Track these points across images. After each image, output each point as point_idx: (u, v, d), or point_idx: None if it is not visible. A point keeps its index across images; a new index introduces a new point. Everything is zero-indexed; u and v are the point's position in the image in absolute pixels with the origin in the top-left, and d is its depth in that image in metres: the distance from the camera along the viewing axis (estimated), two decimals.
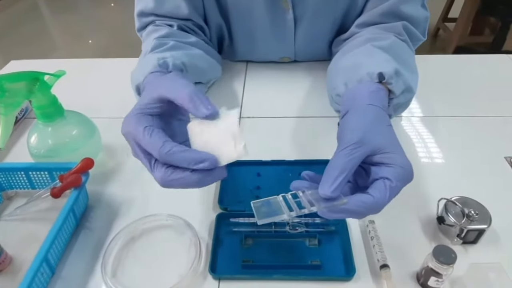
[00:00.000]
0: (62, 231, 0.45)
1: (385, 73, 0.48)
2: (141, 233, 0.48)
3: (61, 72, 0.53)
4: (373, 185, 0.38)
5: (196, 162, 0.36)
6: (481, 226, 0.44)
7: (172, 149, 0.36)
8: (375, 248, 0.45)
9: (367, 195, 0.37)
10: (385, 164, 0.38)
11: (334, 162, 0.38)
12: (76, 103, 0.59)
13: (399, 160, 0.38)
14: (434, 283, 0.40)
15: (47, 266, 0.42)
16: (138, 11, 0.67)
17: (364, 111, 0.43)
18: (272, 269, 0.43)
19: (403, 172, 0.38)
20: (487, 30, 2.56)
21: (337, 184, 0.36)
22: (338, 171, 0.37)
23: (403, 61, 0.53)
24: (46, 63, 0.87)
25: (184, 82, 0.40)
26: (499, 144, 0.60)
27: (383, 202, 0.37)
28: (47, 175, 0.52)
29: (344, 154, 0.38)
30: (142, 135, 0.37)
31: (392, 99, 0.50)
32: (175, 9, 0.64)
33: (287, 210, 0.37)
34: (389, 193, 0.37)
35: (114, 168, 0.58)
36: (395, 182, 0.37)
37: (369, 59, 0.52)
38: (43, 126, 0.53)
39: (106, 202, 0.53)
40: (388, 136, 0.41)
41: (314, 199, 0.37)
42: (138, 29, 0.68)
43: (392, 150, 0.39)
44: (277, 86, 0.75)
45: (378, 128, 0.41)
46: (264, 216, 0.36)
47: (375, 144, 0.39)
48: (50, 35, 3.20)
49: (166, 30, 0.62)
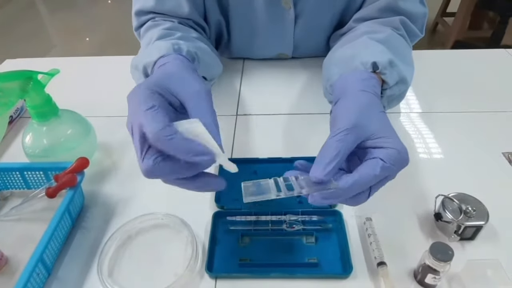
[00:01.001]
0: (57, 231, 0.45)
1: (379, 62, 0.48)
2: (138, 232, 0.48)
3: (55, 70, 0.52)
4: (363, 163, 0.37)
5: (197, 154, 0.33)
6: (479, 223, 0.44)
7: (173, 135, 0.33)
8: (372, 245, 0.45)
9: (354, 173, 0.36)
10: (378, 147, 0.37)
11: (327, 146, 0.37)
12: (72, 102, 0.59)
13: (394, 143, 0.37)
14: (431, 280, 0.40)
15: (43, 267, 0.42)
16: (136, 10, 0.65)
17: (356, 97, 0.43)
18: (269, 268, 0.43)
19: (397, 155, 0.37)
20: (486, 24, 2.55)
21: (330, 168, 0.35)
22: (331, 155, 0.36)
23: (398, 53, 0.53)
24: (41, 61, 0.86)
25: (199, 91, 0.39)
26: (497, 140, 0.60)
27: (370, 175, 0.36)
28: (42, 175, 0.51)
29: (337, 139, 0.37)
30: (143, 113, 0.35)
31: (385, 89, 0.50)
32: (175, 7, 0.63)
33: (275, 191, 0.36)
34: (379, 171, 0.36)
35: (110, 167, 0.57)
36: (389, 162, 0.36)
37: (364, 50, 0.52)
38: (37, 125, 0.53)
39: (102, 202, 0.52)
40: (382, 121, 0.40)
41: (306, 183, 0.37)
42: (135, 28, 0.67)
43: (387, 134, 0.38)
44: (274, 83, 0.74)
45: (371, 113, 0.40)
46: (250, 194, 0.36)
47: (368, 130, 0.38)
48: (47, 32, 3.18)
49: (169, 24, 0.61)
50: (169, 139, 0.33)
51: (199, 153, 0.34)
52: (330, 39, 0.73)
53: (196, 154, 0.33)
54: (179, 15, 0.64)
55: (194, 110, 0.38)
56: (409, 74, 0.54)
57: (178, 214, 0.48)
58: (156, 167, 0.34)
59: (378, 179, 0.36)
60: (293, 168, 0.54)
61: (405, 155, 0.37)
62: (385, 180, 0.38)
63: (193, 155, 0.33)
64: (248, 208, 0.49)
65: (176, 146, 0.33)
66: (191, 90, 0.40)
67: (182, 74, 0.43)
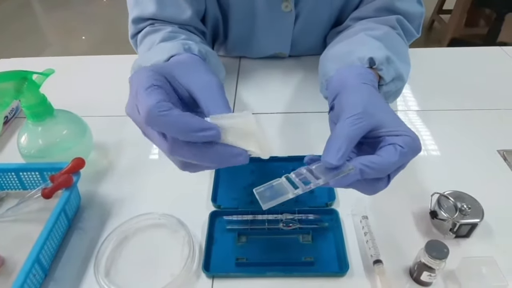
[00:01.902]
0: (54, 232, 0.45)
1: (376, 58, 0.48)
2: (134, 232, 0.48)
3: (50, 70, 0.52)
4: (382, 149, 0.36)
5: (197, 130, 0.30)
6: (474, 220, 0.44)
7: (169, 111, 0.30)
8: (368, 243, 0.45)
9: (375, 155, 0.35)
10: (393, 135, 0.37)
11: (337, 131, 0.37)
12: (67, 102, 0.58)
13: (407, 131, 0.37)
14: (427, 278, 0.40)
15: (39, 267, 0.42)
16: (134, 17, 0.62)
17: (359, 88, 0.42)
18: (266, 267, 0.43)
19: (412, 142, 0.36)
20: (482, 21, 2.56)
21: (342, 152, 0.34)
22: (342, 139, 0.35)
23: (395, 50, 0.53)
24: (36, 61, 0.86)
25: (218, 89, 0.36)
26: (492, 137, 0.60)
27: (392, 162, 0.35)
28: (38, 175, 0.51)
29: (348, 123, 0.36)
30: (143, 92, 0.32)
31: (382, 85, 0.49)
32: (177, 12, 0.61)
33: (292, 188, 0.35)
34: (398, 156, 0.35)
35: (107, 167, 0.57)
36: (406, 148, 0.35)
37: (361, 46, 0.52)
38: (33, 126, 0.52)
39: (99, 202, 0.52)
40: (390, 112, 0.40)
41: (320, 171, 0.35)
42: (132, 35, 0.64)
43: (397, 124, 0.38)
44: (270, 82, 0.74)
45: (377, 103, 0.40)
46: (268, 200, 0.34)
47: (378, 119, 0.38)
48: (43, 31, 3.16)
49: (171, 28, 0.59)
50: (163, 115, 0.29)
51: (199, 128, 0.30)
52: (327, 37, 0.73)
53: (196, 130, 0.30)
54: (180, 21, 0.62)
55: (208, 101, 0.35)
56: (406, 71, 0.54)
57: (175, 214, 0.48)
58: (177, 145, 0.31)
59: (397, 165, 0.36)
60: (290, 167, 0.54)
61: (418, 142, 0.37)
62: (400, 169, 0.37)
63: (194, 130, 0.30)
64: (245, 207, 0.49)
65: (172, 123, 0.30)
66: (203, 79, 0.37)
67: (193, 64, 0.40)
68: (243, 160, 0.33)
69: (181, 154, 0.32)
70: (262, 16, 0.68)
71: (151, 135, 0.34)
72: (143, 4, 0.61)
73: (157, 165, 0.58)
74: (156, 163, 0.58)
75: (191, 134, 0.30)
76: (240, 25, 0.71)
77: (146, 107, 0.30)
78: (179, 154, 0.32)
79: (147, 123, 0.31)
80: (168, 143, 0.32)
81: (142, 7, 0.61)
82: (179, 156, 0.33)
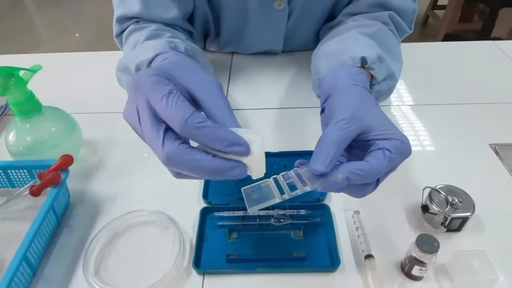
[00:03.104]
0: (42, 229, 0.44)
1: (367, 57, 0.47)
2: (124, 230, 0.47)
3: (37, 67, 0.51)
4: (371, 154, 0.36)
5: (230, 144, 0.31)
6: (465, 214, 0.44)
7: (205, 122, 0.31)
8: (360, 238, 0.45)
9: (363, 161, 0.35)
10: (382, 139, 0.37)
11: (325, 136, 0.36)
12: (56, 99, 0.58)
13: (397, 134, 0.37)
14: (418, 272, 0.40)
15: (27, 266, 0.42)
16: (118, 16, 0.61)
17: (349, 90, 0.42)
18: (257, 263, 0.43)
19: (402, 146, 0.36)
20: (476, 17, 2.56)
21: (330, 159, 0.34)
22: (330, 145, 0.35)
23: (387, 48, 0.53)
24: (24, 58, 0.84)
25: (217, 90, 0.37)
26: (484, 131, 0.60)
27: (380, 168, 0.35)
28: (26, 173, 0.50)
29: (336, 128, 0.36)
30: (164, 100, 0.32)
31: (374, 85, 0.49)
32: (163, 11, 0.60)
33: (278, 194, 0.35)
34: (387, 162, 0.35)
35: (97, 164, 0.57)
36: (395, 153, 0.35)
37: (353, 44, 0.51)
38: (21, 123, 0.52)
39: (89, 199, 0.52)
40: (380, 114, 0.39)
41: (307, 177, 0.35)
42: (116, 35, 0.63)
43: (387, 127, 0.37)
44: (263, 78, 0.74)
45: (366, 106, 0.40)
46: (254, 203, 0.34)
47: (367, 123, 0.37)
48: (36, 29, 3.13)
49: (155, 26, 0.58)
50: (201, 127, 0.30)
51: (232, 142, 0.31)
52: (319, 32, 0.72)
53: (230, 145, 0.31)
54: (165, 21, 0.61)
55: (210, 103, 0.35)
56: (398, 70, 0.54)
57: (166, 211, 0.48)
58: (181, 152, 0.31)
59: (386, 170, 0.36)
60: (281, 162, 0.54)
61: (408, 145, 0.37)
62: (390, 172, 0.37)
63: (227, 145, 0.31)
64: (236, 203, 0.49)
65: (209, 135, 0.31)
66: (204, 80, 0.37)
67: (191, 65, 0.40)
68: (237, 175, 0.33)
69: (178, 166, 0.32)
70: (254, 14, 0.67)
71: (154, 141, 0.33)
72: (128, 3, 0.60)
73: (147, 162, 0.57)
74: (147, 160, 0.57)
75: (225, 148, 0.31)
76: (232, 23, 0.71)
77: (181, 118, 0.31)
78: (176, 166, 0.32)
79: (183, 131, 0.31)
80: (164, 154, 0.32)
81: (127, 6, 0.60)
82: (175, 167, 0.33)
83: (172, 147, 0.32)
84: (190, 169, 0.32)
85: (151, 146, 0.33)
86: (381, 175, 0.36)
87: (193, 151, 0.32)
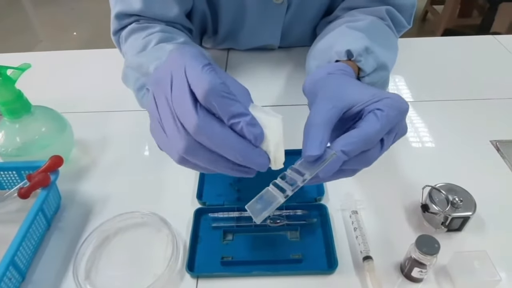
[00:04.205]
0: (31, 233, 0.43)
1: (353, 50, 0.47)
2: (116, 232, 0.46)
3: (26, 65, 0.50)
4: (363, 119, 0.34)
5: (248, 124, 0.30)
6: (466, 213, 0.43)
7: (231, 95, 0.29)
8: (358, 239, 0.43)
9: (354, 129, 0.33)
10: (371, 103, 0.35)
11: (309, 121, 0.35)
12: (46, 98, 0.56)
13: (385, 94, 0.35)
14: (418, 274, 0.39)
15: (16, 271, 0.40)
16: (117, 12, 0.59)
17: (327, 79, 0.40)
18: (252, 265, 0.42)
19: (392, 101, 0.34)
20: (475, 12, 2.54)
21: (320, 140, 0.33)
22: (316, 128, 0.34)
23: (377, 40, 0.51)
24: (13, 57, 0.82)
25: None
26: (485, 128, 0.59)
27: (375, 130, 0.33)
28: (15, 174, 0.49)
29: (318, 109, 0.35)
30: (200, 67, 0.30)
31: (363, 77, 0.48)
32: (164, 9, 0.58)
33: (280, 194, 0.33)
34: (381, 121, 0.33)
35: (89, 165, 0.55)
36: (387, 110, 0.33)
37: (340, 39, 0.51)
38: (9, 123, 0.50)
39: (80, 201, 0.51)
40: (362, 87, 0.37)
41: (303, 168, 0.34)
42: (114, 31, 0.61)
43: (375, 93, 0.35)
44: (259, 74, 0.73)
45: (346, 83, 0.38)
46: (260, 212, 0.33)
47: (351, 96, 0.36)
48: (33, 28, 3.11)
49: (160, 27, 0.57)
50: (225, 97, 0.29)
51: (250, 122, 0.30)
52: (317, 28, 0.71)
53: (248, 124, 0.30)
54: (167, 19, 0.59)
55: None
56: (389, 59, 0.52)
57: (159, 212, 0.47)
58: (215, 123, 0.30)
59: (384, 130, 0.33)
60: None
61: (401, 99, 0.35)
62: (393, 133, 0.35)
63: (248, 124, 0.30)
64: (231, 203, 0.48)
65: (229, 107, 0.29)
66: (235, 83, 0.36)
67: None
68: (261, 164, 0.31)
69: (207, 137, 0.30)
70: (252, 9, 0.66)
71: (186, 108, 0.30)
72: (127, 0, 0.58)
73: (140, 162, 0.56)
74: (140, 160, 0.56)
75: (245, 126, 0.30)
76: (230, 20, 0.69)
77: (211, 82, 0.29)
78: (205, 136, 0.30)
79: (207, 98, 0.29)
80: (197, 120, 0.30)
81: (126, 3, 0.58)
82: (204, 138, 0.30)
83: (206, 117, 0.30)
84: (217, 144, 0.30)
85: (180, 113, 0.31)
86: (379, 137, 0.34)
87: (225, 126, 0.30)
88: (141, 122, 0.62)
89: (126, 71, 0.53)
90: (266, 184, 0.35)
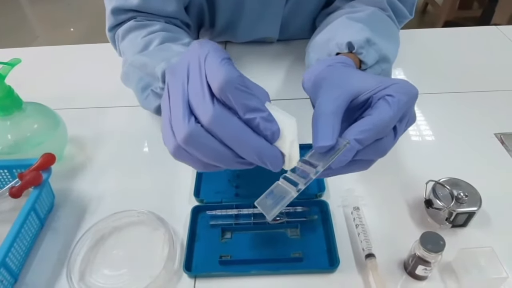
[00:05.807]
0: (23, 233, 0.41)
1: (354, 42, 0.45)
2: (111, 231, 0.45)
3: (16, 60, 0.48)
4: (372, 107, 0.33)
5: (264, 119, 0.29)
6: (471, 209, 0.42)
7: (247, 88, 0.29)
8: (360, 236, 0.42)
9: (366, 117, 0.32)
10: (379, 90, 0.33)
11: (319, 110, 0.33)
12: (38, 94, 0.55)
13: (393, 80, 0.34)
14: (422, 272, 0.38)
15: (7, 272, 0.39)
16: (114, 7, 0.57)
17: (326, 72, 0.39)
18: (251, 264, 0.41)
19: (402, 87, 0.33)
20: (476, 4, 2.52)
21: (331, 129, 0.31)
22: (326, 117, 0.32)
23: (378, 31, 0.50)
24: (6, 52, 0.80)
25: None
26: (489, 120, 0.57)
27: (388, 116, 0.31)
28: (7, 173, 0.48)
29: (326, 99, 0.33)
30: (219, 60, 0.30)
31: (365, 69, 0.47)
32: (161, 5, 0.57)
33: (292, 187, 0.31)
34: (393, 108, 0.31)
35: (83, 162, 0.54)
36: (397, 95, 0.32)
37: (340, 31, 0.49)
38: (0, 120, 0.49)
39: (74, 200, 0.49)
40: (366, 76, 0.36)
41: (315, 159, 0.32)
42: (111, 27, 0.59)
43: (381, 80, 0.34)
44: (258, 67, 0.71)
45: (349, 73, 0.37)
46: (271, 208, 0.31)
47: (356, 84, 0.34)
48: (29, 24, 3.08)
49: (159, 25, 0.55)
50: (241, 90, 0.28)
51: (266, 118, 0.29)
52: (316, 19, 0.70)
53: (265, 120, 0.29)
54: (165, 14, 0.58)
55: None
56: (391, 51, 0.51)
57: (155, 210, 0.45)
58: (231, 115, 0.29)
59: (396, 117, 0.32)
60: None
61: (408, 84, 0.33)
62: (405, 119, 0.34)
63: (266, 120, 0.29)
64: (229, 200, 0.46)
65: (244, 100, 0.28)
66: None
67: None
68: (277, 162, 0.30)
69: (222, 129, 0.29)
70: (251, 1, 0.64)
71: (202, 98, 0.30)
72: None
73: (136, 159, 0.55)
74: (136, 157, 0.55)
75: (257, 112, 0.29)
76: (228, 12, 0.68)
77: (227, 74, 0.28)
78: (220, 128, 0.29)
79: (222, 90, 0.29)
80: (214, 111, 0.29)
81: None
82: (218, 130, 0.29)
83: (223, 109, 0.29)
84: (232, 137, 0.29)
85: (195, 104, 0.30)
86: (393, 123, 0.32)
87: (241, 121, 0.29)
88: (137, 118, 0.60)
89: (127, 70, 0.52)
90: (264, 179, 0.34)
